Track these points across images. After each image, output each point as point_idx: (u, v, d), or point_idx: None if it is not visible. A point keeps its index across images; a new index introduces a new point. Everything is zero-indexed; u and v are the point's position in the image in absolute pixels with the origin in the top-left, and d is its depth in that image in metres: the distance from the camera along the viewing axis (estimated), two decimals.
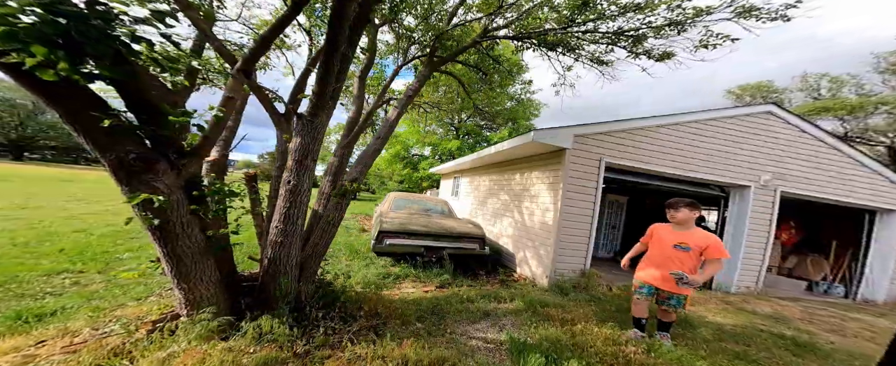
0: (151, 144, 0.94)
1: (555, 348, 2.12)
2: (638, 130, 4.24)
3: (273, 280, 1.71)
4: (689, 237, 2.09)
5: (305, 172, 1.68)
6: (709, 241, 2.03)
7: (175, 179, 1.03)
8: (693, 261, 2.06)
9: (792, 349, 2.59)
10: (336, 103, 1.84)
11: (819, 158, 4.87)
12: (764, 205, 4.71)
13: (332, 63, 1.47)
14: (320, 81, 1.51)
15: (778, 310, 3.91)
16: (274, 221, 1.69)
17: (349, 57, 1.90)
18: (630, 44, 3.02)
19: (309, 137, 1.64)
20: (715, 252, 2.01)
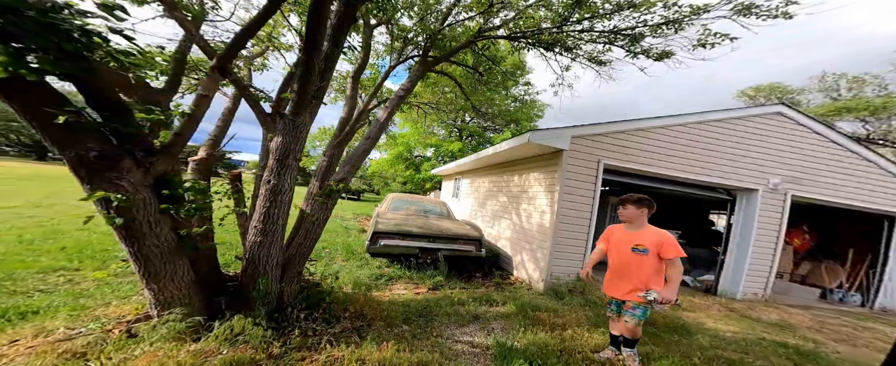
0: (117, 142, 0.95)
1: (542, 354, 2.06)
2: (638, 132, 4.13)
3: (252, 280, 1.71)
4: (643, 237, 1.85)
5: (287, 171, 1.68)
6: (662, 238, 1.79)
7: (142, 177, 1.03)
8: (654, 264, 1.81)
9: (793, 358, 2.47)
10: (320, 103, 1.84)
11: (833, 161, 4.65)
12: (773, 209, 4.52)
13: (312, 62, 1.47)
14: (301, 80, 1.51)
15: (785, 318, 3.74)
16: (253, 221, 1.69)
17: (335, 57, 1.90)
18: (627, 43, 2.94)
19: (290, 137, 1.64)
20: (670, 250, 1.75)
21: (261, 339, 1.57)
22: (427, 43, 3.22)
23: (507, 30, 3.35)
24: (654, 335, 2.63)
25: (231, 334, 1.50)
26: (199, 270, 1.57)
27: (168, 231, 1.25)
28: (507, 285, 4.13)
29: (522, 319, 2.72)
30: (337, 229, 6.90)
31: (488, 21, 3.41)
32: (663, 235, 1.81)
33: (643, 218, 1.90)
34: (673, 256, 1.75)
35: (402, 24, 3.70)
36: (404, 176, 15.86)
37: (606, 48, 3.34)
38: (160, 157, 1.06)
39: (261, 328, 1.60)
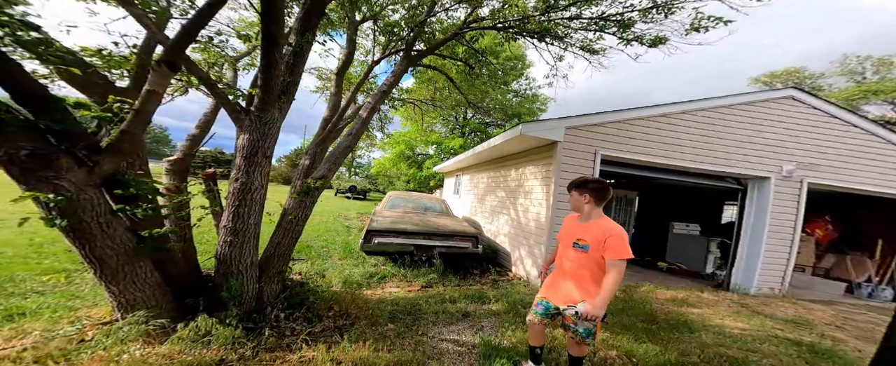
0: (56, 140, 0.93)
1: (529, 353, 1.99)
2: (638, 121, 3.95)
3: (225, 280, 1.71)
4: (587, 231, 1.44)
5: (256, 169, 1.66)
6: (607, 233, 1.37)
7: (86, 176, 1.02)
8: (593, 265, 1.41)
9: (806, 357, 2.28)
10: (292, 98, 1.81)
11: (853, 146, 4.32)
12: (788, 198, 4.25)
13: (273, 56, 1.44)
14: (264, 75, 1.48)
15: (802, 314, 3.51)
16: (223, 221, 1.68)
17: (305, 51, 1.86)
18: (618, 30, 2.80)
19: (257, 133, 1.62)
20: (613, 250, 1.32)
21: (230, 339, 1.56)
22: (411, 36, 3.15)
23: (493, 20, 3.24)
24: (653, 333, 2.50)
25: (197, 335, 1.50)
26: (171, 270, 1.57)
27: (123, 232, 1.24)
28: (504, 281, 4.05)
29: (513, 316, 2.64)
30: (338, 229, 6.96)
31: (475, 12, 3.31)
32: (610, 230, 1.37)
33: (592, 207, 1.49)
34: (613, 258, 1.32)
35: (389, 19, 3.63)
36: (407, 174, 15.90)
37: (597, 36, 3.19)
38: (106, 155, 1.05)
39: (231, 328, 1.59)
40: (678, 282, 4.58)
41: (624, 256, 1.30)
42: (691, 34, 2.57)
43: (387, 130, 8.09)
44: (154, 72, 1.06)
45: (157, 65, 1.05)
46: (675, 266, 5.45)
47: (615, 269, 1.31)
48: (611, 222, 1.43)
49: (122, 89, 1.38)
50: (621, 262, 1.30)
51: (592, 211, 1.50)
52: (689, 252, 5.66)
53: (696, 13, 2.41)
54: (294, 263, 3.29)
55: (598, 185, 1.49)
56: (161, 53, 1.05)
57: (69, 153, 0.94)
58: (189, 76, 1.74)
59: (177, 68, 1.11)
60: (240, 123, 1.71)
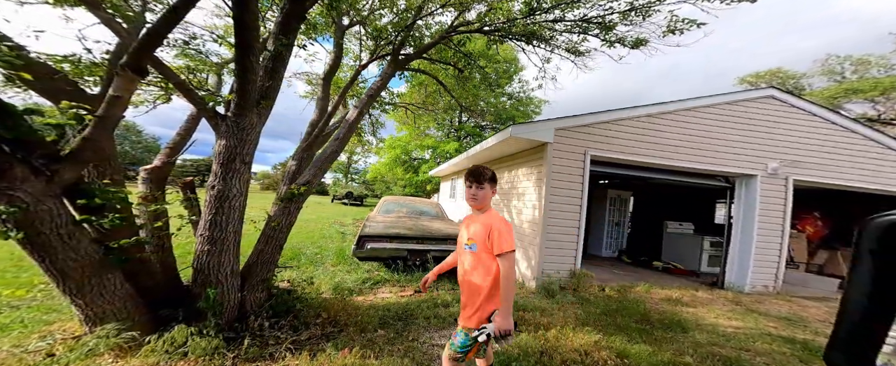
0: (10, 149, 0.90)
1: (521, 356, 1.95)
2: (626, 121, 4.00)
3: (203, 290, 1.66)
4: (473, 228, 1.25)
5: (234, 175, 1.62)
6: (489, 226, 1.18)
7: (44, 187, 0.97)
8: (486, 266, 1.19)
9: (799, 355, 2.27)
10: (272, 103, 1.79)
11: (835, 143, 4.42)
12: (775, 195, 4.30)
13: (248, 60, 1.42)
14: (240, 80, 1.46)
15: (796, 311, 3.51)
16: (199, 229, 1.64)
17: (285, 56, 1.85)
18: (601, 32, 2.85)
19: (235, 139, 1.59)
20: (498, 243, 1.13)
21: (208, 350, 1.50)
22: (398, 40, 3.16)
23: (480, 23, 3.28)
24: (647, 333, 2.48)
25: (172, 347, 1.44)
26: (146, 282, 1.52)
27: (88, 244, 1.19)
28: None
29: None
30: (333, 235, 6.87)
31: (462, 16, 3.35)
32: (492, 221, 1.18)
33: (478, 200, 1.24)
34: (499, 252, 1.12)
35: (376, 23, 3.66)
36: (404, 179, 15.86)
37: (581, 38, 3.24)
38: (66, 164, 1.01)
39: (209, 339, 1.53)
40: (673, 281, 4.57)
41: (508, 249, 1.12)
42: (669, 36, 2.63)
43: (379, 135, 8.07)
44: (118, 76, 1.03)
45: (121, 69, 1.02)
46: (671, 265, 5.45)
47: (504, 265, 1.11)
48: (495, 214, 1.24)
49: (93, 97, 1.35)
50: (508, 255, 1.12)
51: (483, 204, 1.27)
52: (684, 251, 5.68)
53: (671, 16, 2.48)
54: (281, 270, 3.22)
55: (478, 173, 1.26)
56: (125, 57, 1.02)
57: (24, 162, 0.90)
58: (167, 82, 1.72)
59: (143, 72, 1.08)
60: (217, 128, 1.68)
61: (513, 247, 1.13)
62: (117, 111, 1.06)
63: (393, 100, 5.63)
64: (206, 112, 1.68)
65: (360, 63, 3.60)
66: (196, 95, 1.59)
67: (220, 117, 1.59)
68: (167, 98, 2.58)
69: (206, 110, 1.67)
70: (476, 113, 7.38)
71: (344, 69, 4.80)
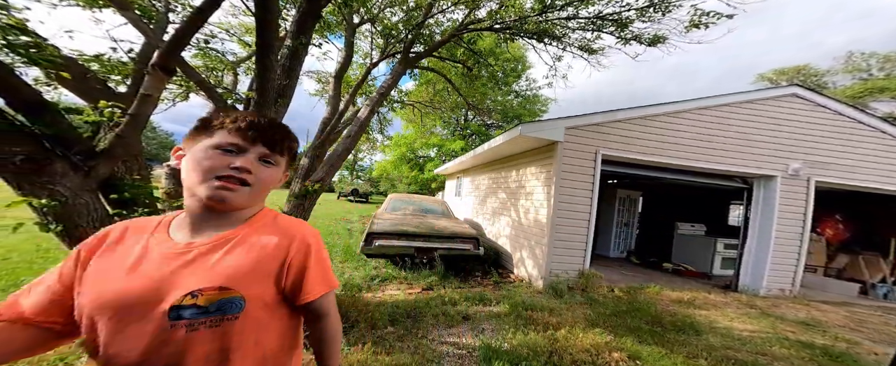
0: (51, 145, 0.94)
1: (529, 356, 1.95)
2: (639, 120, 3.92)
3: None
4: (239, 258, 0.51)
5: None
6: (288, 247, 0.55)
7: (82, 181, 1.02)
8: (279, 335, 0.55)
9: (819, 360, 2.21)
10: (288, 101, 1.82)
11: (861, 143, 4.24)
12: (795, 196, 4.16)
13: (268, 60, 1.45)
14: (259, 79, 1.49)
15: (815, 316, 3.40)
16: None
17: (301, 53, 1.88)
18: (616, 29, 2.78)
19: None
20: (320, 277, 0.57)
21: None
22: (409, 38, 3.16)
23: (491, 21, 3.25)
24: (658, 335, 2.44)
25: None
26: None
27: None
28: (506, 283, 4.01)
29: (515, 319, 2.60)
30: (340, 232, 6.97)
31: (472, 13, 3.32)
32: (293, 233, 0.58)
33: (268, 187, 0.57)
34: (326, 289, 0.59)
35: (387, 21, 3.66)
36: (409, 177, 15.93)
37: (595, 35, 3.17)
38: (101, 160, 1.06)
39: None
40: (685, 283, 4.49)
41: (335, 284, 0.61)
42: (692, 31, 2.54)
43: (387, 133, 8.12)
44: (148, 76, 1.07)
45: (152, 68, 1.06)
46: (682, 267, 5.35)
47: (330, 317, 0.63)
48: (292, 221, 0.64)
49: (121, 95, 1.39)
50: (332, 297, 0.63)
51: (256, 201, 0.63)
52: (695, 253, 5.56)
53: (694, 10, 2.39)
54: None
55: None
56: (155, 57, 1.06)
57: (64, 158, 0.95)
58: (188, 81, 1.76)
59: (171, 72, 1.12)
60: None
61: (334, 283, 0.61)
62: (148, 109, 1.10)
63: (401, 98, 5.64)
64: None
65: (371, 61, 3.62)
66: (216, 93, 1.63)
67: None
68: (185, 96, 2.65)
69: (225, 107, 1.71)
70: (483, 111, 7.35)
71: (354, 67, 4.83)
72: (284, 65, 1.74)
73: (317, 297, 0.56)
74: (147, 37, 1.36)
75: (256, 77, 1.49)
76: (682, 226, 6.08)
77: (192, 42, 2.22)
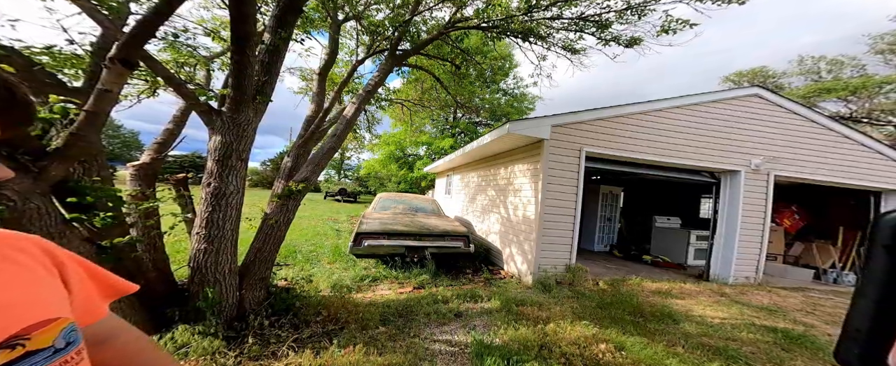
0: None
1: (520, 350, 2.00)
2: (618, 118, 4.09)
3: (200, 289, 1.62)
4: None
5: (231, 172, 1.57)
6: (59, 261, 0.39)
7: (31, 184, 0.92)
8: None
9: (781, 343, 2.41)
10: (268, 99, 1.74)
11: (813, 140, 4.65)
12: (757, 190, 4.51)
13: (245, 55, 1.38)
14: (235, 75, 1.41)
15: (776, 301, 3.71)
16: (195, 228, 1.59)
17: (281, 49, 1.80)
18: (597, 30, 2.89)
19: (231, 135, 1.54)
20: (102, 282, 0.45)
21: (210, 350, 1.47)
22: (395, 36, 3.11)
23: (478, 19, 3.26)
24: (640, 325, 2.57)
25: (174, 347, 1.41)
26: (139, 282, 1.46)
27: (79, 243, 1.13)
28: (496, 279, 4.06)
29: (506, 314, 2.65)
30: (328, 232, 6.79)
31: (459, 12, 3.32)
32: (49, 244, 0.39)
33: None
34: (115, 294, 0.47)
35: (372, 18, 3.58)
36: (398, 176, 15.75)
37: (578, 36, 3.28)
38: (54, 160, 0.95)
39: (210, 338, 1.50)
40: (663, 274, 4.75)
41: (130, 289, 0.50)
42: (662, 36, 2.69)
43: (375, 131, 7.97)
44: (107, 70, 0.97)
45: (110, 62, 0.97)
46: (660, 259, 5.65)
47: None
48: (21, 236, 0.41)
49: (76, 90, 1.27)
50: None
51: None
52: (672, 245, 5.90)
53: (665, 15, 2.54)
54: (279, 268, 3.17)
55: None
56: (114, 50, 0.97)
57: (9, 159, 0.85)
58: (154, 76, 1.64)
59: (133, 66, 1.03)
60: (211, 124, 1.62)
61: (132, 287, 0.50)
62: (107, 106, 1.00)
63: (389, 96, 5.55)
64: (198, 107, 1.61)
65: (357, 58, 3.54)
66: (187, 90, 1.53)
67: (214, 112, 1.53)
68: (152, 92, 2.47)
69: (198, 105, 1.61)
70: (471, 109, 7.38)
71: (339, 64, 4.69)
72: (263, 61, 1.66)
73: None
74: (103, 27, 1.25)
75: (232, 73, 1.41)
76: (659, 219, 6.42)
77: (160, 35, 2.07)
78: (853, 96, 12.62)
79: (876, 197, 5.08)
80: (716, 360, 2.04)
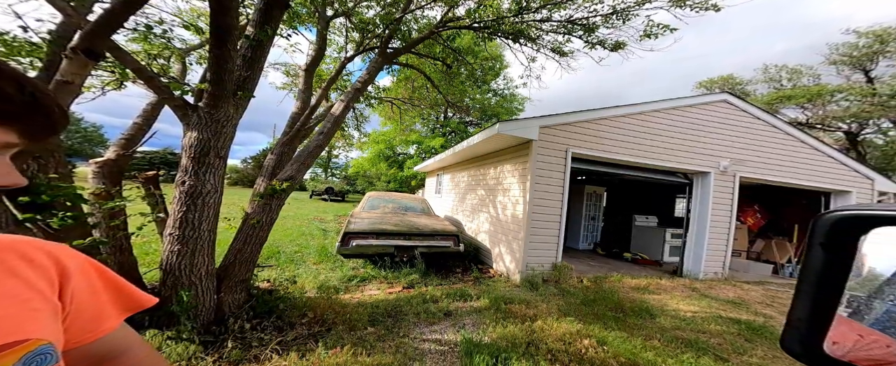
0: None
1: (508, 347, 2.03)
2: (602, 120, 4.24)
3: (174, 293, 1.52)
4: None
5: (208, 170, 1.49)
6: (65, 268, 0.37)
7: None
8: None
9: (745, 334, 2.61)
10: (250, 95, 1.66)
11: (774, 144, 5.04)
12: (725, 190, 4.83)
13: (225, 49, 1.30)
14: (215, 69, 1.33)
15: (740, 295, 4.00)
16: (168, 228, 1.49)
17: (265, 44, 1.72)
18: (584, 34, 2.99)
19: (209, 132, 1.45)
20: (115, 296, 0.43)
21: (185, 355, 1.39)
22: (386, 33, 3.06)
23: (470, 19, 3.27)
24: (621, 320, 2.69)
25: None
26: None
27: None
28: (485, 278, 4.11)
29: (495, 312, 2.69)
30: (314, 232, 6.60)
31: (451, 11, 3.31)
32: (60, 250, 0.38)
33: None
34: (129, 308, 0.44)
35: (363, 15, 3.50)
36: (388, 175, 15.55)
37: (566, 39, 3.38)
38: None
39: (185, 344, 1.42)
40: (641, 271, 4.99)
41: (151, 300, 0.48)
42: (644, 40, 2.83)
43: (364, 130, 7.81)
44: (68, 60, 0.89)
45: (71, 52, 0.88)
46: (639, 256, 5.93)
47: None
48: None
49: None
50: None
51: None
52: (649, 242, 6.21)
53: (647, 20, 2.68)
54: (261, 270, 3.05)
55: None
56: (77, 39, 0.88)
57: None
58: (123, 67, 1.51)
59: (98, 56, 0.94)
60: (187, 119, 1.52)
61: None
62: (66, 98, 0.91)
63: (379, 94, 5.46)
64: (172, 101, 1.51)
65: (346, 55, 3.45)
66: (159, 83, 1.42)
67: (189, 107, 1.44)
68: (119, 84, 2.28)
69: (172, 99, 1.50)
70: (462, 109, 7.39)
71: (327, 61, 4.55)
72: (245, 55, 1.58)
73: None
74: (65, 15, 1.13)
75: (211, 67, 1.33)
76: (638, 218, 6.74)
77: (130, 26, 1.91)
78: (809, 103, 13.78)
79: (826, 197, 5.59)
80: (687, 352, 2.18)
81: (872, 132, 13.59)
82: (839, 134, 13.96)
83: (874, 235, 0.33)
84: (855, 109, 12.33)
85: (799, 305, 0.37)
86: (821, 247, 0.36)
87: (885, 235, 0.33)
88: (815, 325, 0.36)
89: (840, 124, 13.62)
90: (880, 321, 0.34)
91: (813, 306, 0.36)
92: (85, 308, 0.38)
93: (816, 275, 0.36)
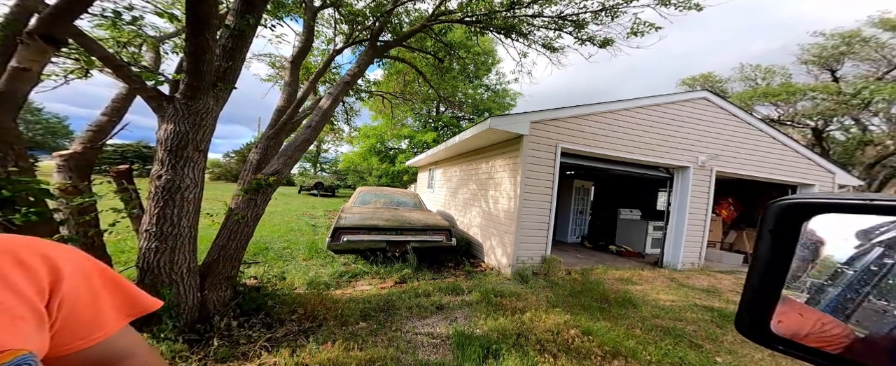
0: None
1: (499, 339, 2.09)
2: (589, 116, 4.33)
3: (153, 291, 1.46)
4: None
5: (186, 164, 1.42)
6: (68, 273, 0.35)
7: None
8: None
9: (717, 321, 2.79)
10: (231, 86, 1.58)
11: (747, 140, 5.31)
12: (702, 184, 5.07)
13: (203, 38, 1.22)
14: (193, 59, 1.25)
15: (714, 284, 4.24)
16: (144, 225, 1.42)
17: (247, 34, 1.64)
18: (574, 30, 3.02)
19: (186, 124, 1.38)
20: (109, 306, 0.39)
21: (168, 355, 1.35)
22: (376, 26, 2.98)
23: (462, 13, 3.23)
24: (606, 310, 2.80)
25: None
26: None
27: None
28: (477, 272, 4.17)
29: (486, 306, 2.74)
30: (303, 228, 6.46)
31: (443, 4, 3.25)
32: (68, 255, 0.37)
33: None
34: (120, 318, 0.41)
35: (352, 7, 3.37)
36: (379, 169, 15.34)
37: (557, 35, 3.40)
38: None
39: (168, 343, 1.38)
40: (625, 263, 5.20)
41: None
42: (631, 38, 2.89)
43: (354, 124, 7.65)
44: (23, 46, 0.81)
45: (28, 37, 0.80)
46: (623, 249, 6.17)
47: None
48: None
49: None
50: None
51: None
52: (633, 235, 6.46)
53: (634, 18, 2.74)
54: (248, 266, 2.97)
55: None
56: (34, 23, 0.80)
57: None
58: (88, 55, 1.40)
59: (59, 43, 0.87)
60: (161, 111, 1.43)
61: None
62: (23, 86, 0.83)
63: (369, 88, 5.33)
64: (145, 92, 1.42)
65: (334, 48, 3.33)
66: (130, 72, 1.33)
67: (165, 99, 1.35)
68: (85, 73, 2.12)
69: (144, 90, 1.41)
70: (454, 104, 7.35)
71: (315, 53, 4.38)
72: (226, 45, 1.50)
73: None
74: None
75: (188, 57, 1.26)
76: (623, 211, 6.99)
77: (96, 11, 1.75)
78: (781, 101, 14.55)
79: (793, 190, 5.97)
80: (666, 339, 2.31)
81: (836, 129, 14.52)
82: (808, 131, 14.85)
83: (814, 222, 0.35)
84: (822, 107, 13.11)
85: (749, 288, 0.39)
86: (770, 233, 0.37)
87: (823, 221, 0.34)
88: (762, 306, 0.38)
89: (808, 121, 14.46)
90: (825, 302, 0.36)
91: (761, 289, 0.38)
92: (81, 312, 0.36)
93: (765, 259, 0.38)
